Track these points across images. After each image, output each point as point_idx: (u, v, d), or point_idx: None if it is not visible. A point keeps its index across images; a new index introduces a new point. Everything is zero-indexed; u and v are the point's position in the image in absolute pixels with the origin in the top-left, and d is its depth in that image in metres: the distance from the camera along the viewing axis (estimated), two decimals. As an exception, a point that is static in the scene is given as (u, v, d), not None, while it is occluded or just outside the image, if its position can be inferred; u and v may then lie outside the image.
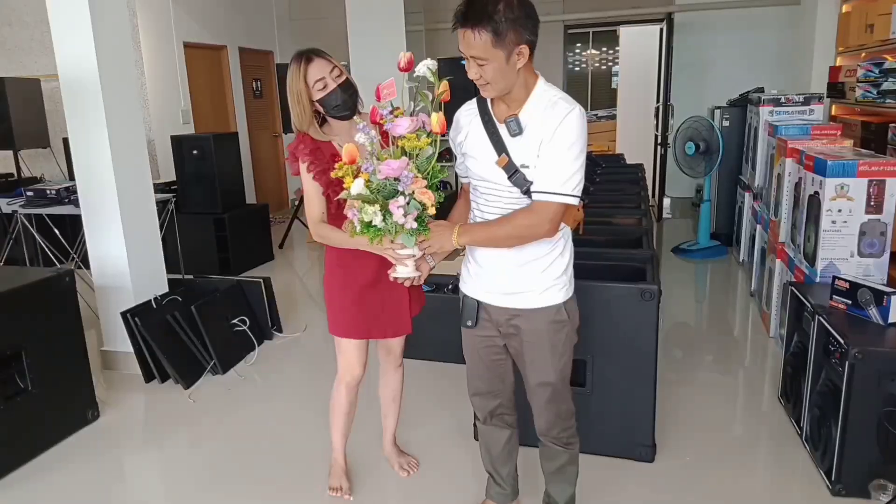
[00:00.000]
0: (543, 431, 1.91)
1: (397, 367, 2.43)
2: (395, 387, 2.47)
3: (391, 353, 2.40)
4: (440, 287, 3.59)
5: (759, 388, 3.23)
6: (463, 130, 1.78)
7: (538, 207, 1.63)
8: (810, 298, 2.62)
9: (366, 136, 1.67)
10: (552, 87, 1.69)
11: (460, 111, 1.81)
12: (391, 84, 1.70)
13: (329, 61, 1.99)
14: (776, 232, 3.67)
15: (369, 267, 2.06)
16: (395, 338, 2.33)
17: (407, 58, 1.70)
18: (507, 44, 1.53)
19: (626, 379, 2.42)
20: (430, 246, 1.73)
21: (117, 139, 3.35)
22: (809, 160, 3.02)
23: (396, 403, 2.51)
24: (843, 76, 4.97)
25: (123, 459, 2.85)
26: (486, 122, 1.72)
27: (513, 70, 1.58)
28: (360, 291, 2.12)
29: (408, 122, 1.66)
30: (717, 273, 5.27)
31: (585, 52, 11.66)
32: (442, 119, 1.66)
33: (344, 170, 1.69)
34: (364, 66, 5.62)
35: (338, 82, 1.98)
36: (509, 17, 1.51)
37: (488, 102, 1.74)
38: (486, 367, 1.93)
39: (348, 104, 2.00)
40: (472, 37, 1.53)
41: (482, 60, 1.55)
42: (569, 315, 1.79)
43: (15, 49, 6.50)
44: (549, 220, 1.63)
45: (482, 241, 1.75)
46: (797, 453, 2.56)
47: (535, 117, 1.64)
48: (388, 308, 2.17)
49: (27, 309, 2.72)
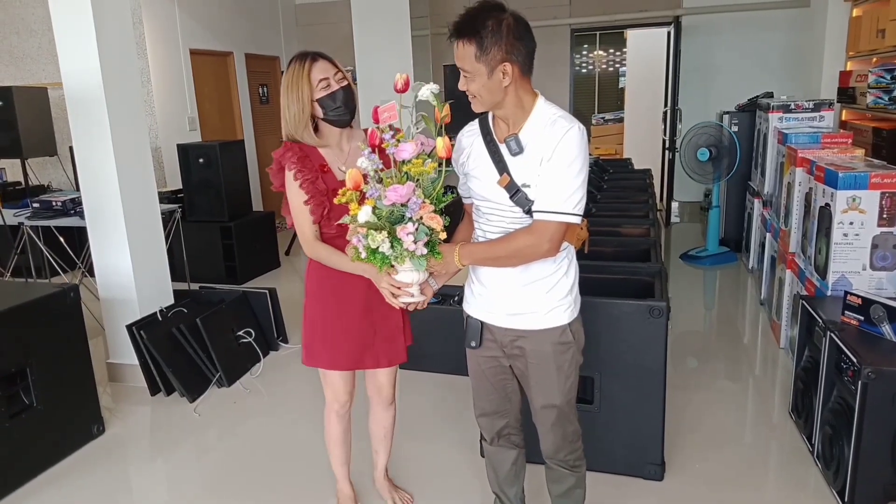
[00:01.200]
0: (550, 454, 1.88)
1: (389, 405, 2.29)
2: (386, 425, 2.33)
3: (381, 391, 2.24)
4: (446, 298, 3.56)
5: (770, 402, 3.19)
6: (465, 151, 1.76)
7: (538, 227, 1.61)
8: (821, 313, 2.58)
9: (369, 162, 1.64)
10: (552, 106, 1.68)
11: (462, 132, 1.80)
12: (392, 107, 1.66)
13: (333, 64, 1.94)
14: (786, 242, 3.62)
15: (362, 291, 1.98)
16: (387, 374, 2.21)
17: (403, 79, 1.68)
18: (489, 60, 1.55)
19: (634, 396, 2.39)
20: (433, 266, 1.70)
21: (122, 152, 3.34)
22: (820, 171, 2.97)
23: (388, 440, 2.37)
24: (853, 81, 4.91)
25: (128, 475, 2.84)
26: (488, 141, 1.70)
27: (498, 87, 1.58)
28: (352, 319, 2.03)
29: (412, 147, 1.64)
30: (727, 280, 5.22)
31: (592, 54, 11.59)
32: (447, 143, 1.64)
33: (348, 196, 1.66)
34: (369, 72, 5.62)
35: (340, 84, 1.93)
36: (497, 34, 1.54)
37: (490, 122, 1.73)
38: (493, 386, 1.90)
39: (349, 108, 1.95)
40: (459, 48, 1.57)
41: (467, 73, 1.59)
42: (574, 336, 1.76)
43: (23, 57, 6.53)
44: (549, 240, 1.61)
45: (483, 261, 1.74)
46: (809, 471, 2.52)
47: (536, 136, 1.62)
48: (382, 335, 2.07)
49: (32, 325, 2.72)
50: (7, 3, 6.44)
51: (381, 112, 1.67)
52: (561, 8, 7.41)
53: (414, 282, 1.74)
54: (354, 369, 2.14)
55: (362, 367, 2.13)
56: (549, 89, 7.50)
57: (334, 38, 7.57)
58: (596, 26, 8.01)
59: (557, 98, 7.73)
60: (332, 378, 2.14)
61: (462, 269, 1.85)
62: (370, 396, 2.29)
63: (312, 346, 2.08)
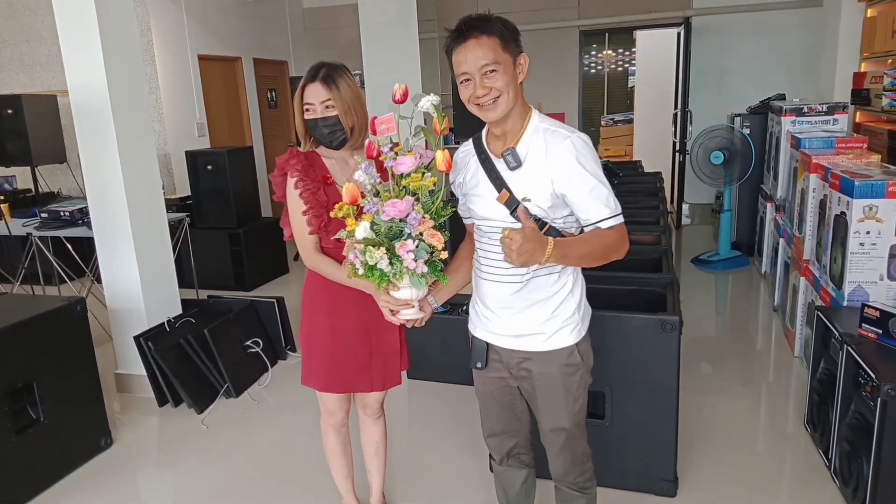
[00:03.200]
0: (559, 477, 1.84)
1: (377, 419, 2.25)
2: (376, 439, 2.28)
3: (368, 406, 2.21)
4: (454, 308, 3.53)
5: (784, 413, 3.13)
6: (461, 171, 1.73)
7: (615, 230, 1.59)
8: (838, 325, 2.53)
9: (366, 176, 1.60)
10: (546, 118, 1.65)
11: (457, 153, 1.76)
12: (390, 119, 1.61)
13: (328, 90, 1.87)
14: (800, 248, 3.56)
15: (357, 312, 1.96)
16: (377, 394, 2.16)
17: (402, 90, 1.64)
18: (512, 50, 1.56)
19: (646, 412, 2.34)
20: (521, 255, 1.46)
21: (129, 163, 3.34)
22: (835, 178, 2.92)
23: (380, 458, 2.31)
24: (868, 82, 4.83)
25: (136, 488, 2.82)
26: (483, 159, 1.67)
27: (516, 82, 1.57)
28: (347, 341, 1.99)
29: (411, 160, 1.59)
30: (739, 285, 5.15)
31: (601, 54, 11.52)
32: (447, 156, 1.60)
33: (345, 210, 1.62)
34: (378, 76, 5.59)
35: (323, 114, 1.88)
36: (509, 28, 1.57)
37: (483, 140, 1.70)
38: (501, 407, 1.86)
39: (325, 138, 1.91)
40: (482, 42, 1.53)
41: (494, 66, 1.53)
42: (582, 357, 1.72)
43: (33, 65, 6.56)
44: (626, 239, 1.62)
45: (578, 259, 1.62)
46: (825, 488, 2.46)
47: (534, 149, 1.59)
48: (378, 357, 2.04)
49: (39, 340, 2.71)
50: (17, 10, 6.47)
51: (378, 124, 1.63)
52: (569, 9, 7.36)
53: (413, 298, 1.69)
54: (348, 392, 2.12)
55: (356, 391, 2.12)
56: (557, 90, 7.45)
57: (342, 43, 7.56)
58: (604, 27, 7.95)
59: (566, 99, 7.74)
60: (326, 397, 2.13)
61: (461, 287, 1.83)
62: (359, 411, 2.27)
63: (307, 365, 2.07)
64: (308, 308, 2.06)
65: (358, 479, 2.39)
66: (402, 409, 3.33)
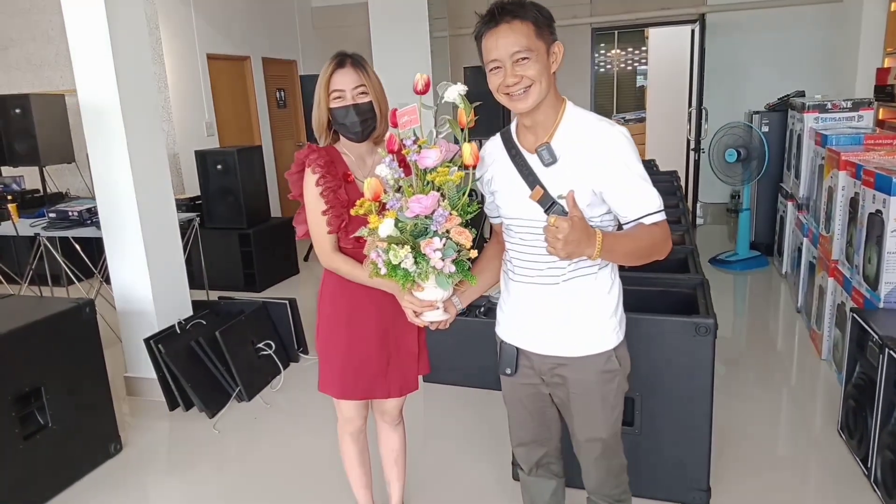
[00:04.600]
0: (594, 489, 1.75)
1: (396, 426, 2.17)
2: (395, 447, 2.20)
3: (386, 413, 2.13)
4: (472, 309, 3.43)
5: (815, 419, 3.02)
6: (489, 168, 1.63)
7: (659, 227, 1.50)
8: (876, 327, 2.43)
9: (390, 171, 1.51)
10: (583, 110, 1.56)
11: (484, 148, 1.66)
12: (413, 110, 1.52)
13: (359, 76, 1.80)
14: (827, 248, 3.45)
15: (376, 317, 1.88)
16: (395, 401, 2.08)
17: (424, 80, 1.55)
18: (546, 37, 1.47)
19: (678, 419, 2.24)
20: (568, 245, 1.35)
21: (138, 163, 3.26)
22: (869, 175, 2.81)
23: (400, 466, 2.23)
24: (891, 78, 4.72)
25: (146, 494, 2.74)
26: (514, 155, 1.57)
27: (549, 71, 1.48)
28: (364, 348, 1.91)
29: (437, 154, 1.50)
30: (759, 286, 5.04)
31: (610, 53, 11.41)
32: (475, 149, 1.50)
33: (366, 206, 1.53)
34: (388, 75, 5.48)
35: (356, 100, 1.79)
36: (543, 13, 1.48)
37: (513, 135, 1.60)
38: (530, 415, 1.77)
39: (356, 127, 1.81)
40: (515, 28, 1.43)
41: (527, 54, 1.44)
42: (620, 363, 1.62)
43: (41, 64, 6.51)
44: (670, 237, 1.52)
45: (624, 255, 1.51)
46: (865, 497, 2.36)
47: (572, 143, 1.50)
48: (396, 364, 1.96)
49: (46, 343, 2.63)
50: (24, 10, 6.42)
51: (399, 116, 1.54)
52: (581, 7, 7.26)
53: (438, 299, 1.60)
54: (366, 399, 2.04)
55: (373, 398, 2.03)
56: (569, 89, 7.37)
57: (352, 41, 7.40)
58: (617, 25, 7.85)
59: (579, 98, 7.57)
60: (343, 405, 2.04)
61: (488, 289, 1.74)
62: (376, 418, 2.18)
63: (324, 372, 1.99)
64: (325, 312, 1.97)
65: (376, 488, 2.29)
66: (420, 415, 3.24)
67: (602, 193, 1.49)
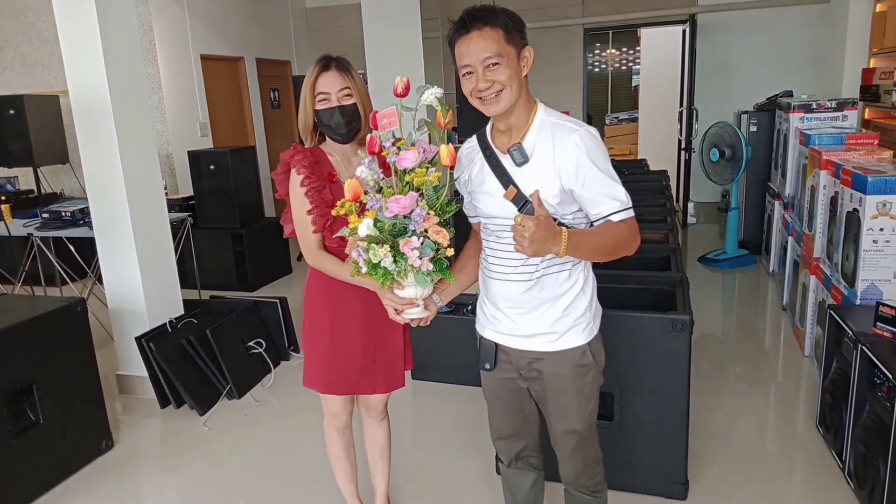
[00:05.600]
0: (570, 480, 1.80)
1: (381, 421, 2.21)
2: (381, 441, 2.23)
3: (371, 408, 2.17)
4: (459, 307, 3.48)
5: (795, 414, 3.08)
6: (466, 168, 1.68)
7: (626, 224, 1.54)
8: (851, 324, 2.48)
9: (369, 171, 1.56)
10: (553, 112, 1.61)
11: (461, 149, 1.72)
12: (392, 113, 1.56)
13: (344, 78, 1.85)
14: (810, 246, 3.51)
15: (360, 313, 1.93)
16: (380, 396, 2.12)
17: (404, 83, 1.59)
18: (516, 42, 1.52)
19: (656, 413, 2.29)
20: (534, 243, 1.38)
21: (130, 164, 3.30)
22: (847, 175, 2.86)
23: (385, 461, 2.27)
24: (877, 78, 4.77)
25: (138, 490, 2.78)
26: (489, 156, 1.62)
27: (520, 75, 1.53)
28: (349, 343, 1.95)
29: (415, 155, 1.55)
30: (746, 284, 5.10)
31: (605, 52, 11.46)
32: (452, 151, 1.55)
33: (347, 207, 1.58)
34: (381, 75, 5.55)
35: (341, 102, 1.84)
36: (513, 19, 1.53)
37: (488, 135, 1.65)
38: (509, 409, 1.82)
39: (342, 128, 1.85)
40: (485, 34, 1.49)
41: (497, 59, 1.49)
42: (594, 357, 1.67)
43: (35, 65, 6.54)
44: (637, 234, 1.56)
45: (590, 252, 1.56)
46: (840, 490, 2.41)
47: (542, 143, 1.55)
48: (381, 359, 2.00)
49: (39, 341, 2.67)
50: (19, 11, 6.45)
51: (380, 118, 1.58)
52: (573, 7, 7.31)
53: (418, 297, 1.65)
54: (350, 394, 2.08)
55: (358, 393, 2.08)
56: (562, 89, 7.40)
57: (345, 42, 7.50)
58: (609, 25, 7.90)
59: (571, 98, 7.69)
60: (329, 400, 2.09)
61: (468, 286, 1.79)
62: (361, 413, 2.22)
63: (309, 366, 2.03)
64: (310, 308, 2.02)
65: (362, 482, 2.34)
66: (407, 411, 3.29)
67: (572, 192, 1.53)
